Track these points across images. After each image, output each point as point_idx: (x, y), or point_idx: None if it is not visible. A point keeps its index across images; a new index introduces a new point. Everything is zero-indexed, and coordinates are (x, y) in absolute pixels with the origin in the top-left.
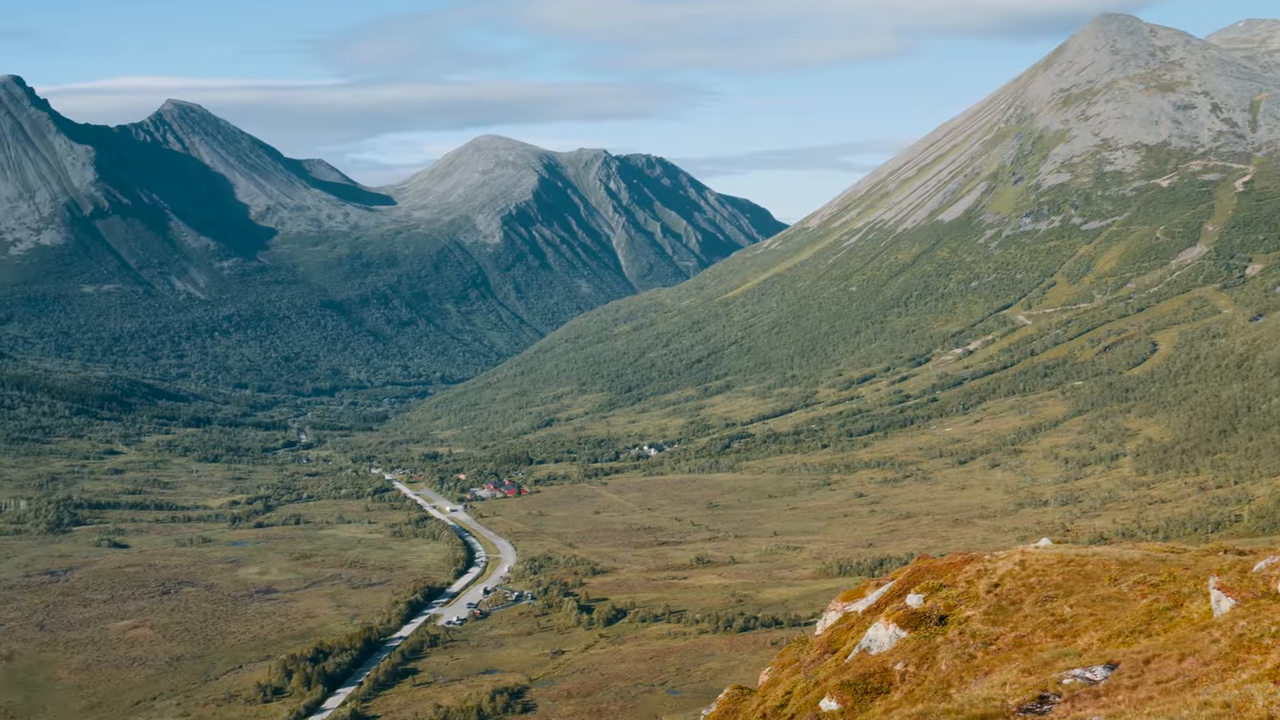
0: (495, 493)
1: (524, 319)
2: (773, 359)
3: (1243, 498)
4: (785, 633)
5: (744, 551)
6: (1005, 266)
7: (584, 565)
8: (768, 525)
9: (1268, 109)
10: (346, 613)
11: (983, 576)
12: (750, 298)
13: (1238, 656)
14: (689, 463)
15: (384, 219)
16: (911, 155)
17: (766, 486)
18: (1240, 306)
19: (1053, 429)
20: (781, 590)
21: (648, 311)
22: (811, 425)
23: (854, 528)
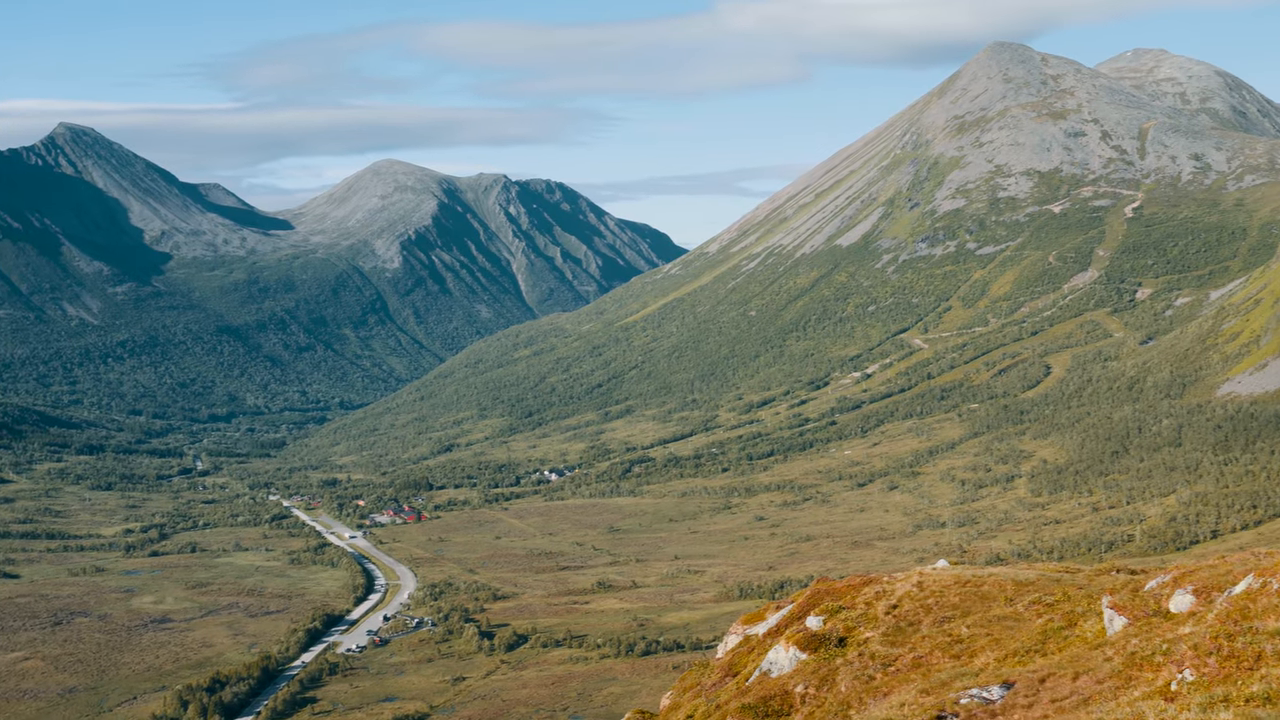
0: (395, 519)
1: (424, 344)
2: (673, 383)
3: (1135, 518)
4: (687, 656)
5: (645, 575)
6: (902, 291)
7: (485, 591)
8: (669, 549)
9: (1155, 136)
10: (244, 641)
11: (881, 598)
12: (650, 322)
13: (1130, 674)
14: (590, 487)
15: (282, 244)
16: (810, 181)
17: (667, 510)
18: (1131, 330)
19: (950, 451)
20: (683, 614)
21: (548, 336)
22: (712, 449)
23: (755, 551)
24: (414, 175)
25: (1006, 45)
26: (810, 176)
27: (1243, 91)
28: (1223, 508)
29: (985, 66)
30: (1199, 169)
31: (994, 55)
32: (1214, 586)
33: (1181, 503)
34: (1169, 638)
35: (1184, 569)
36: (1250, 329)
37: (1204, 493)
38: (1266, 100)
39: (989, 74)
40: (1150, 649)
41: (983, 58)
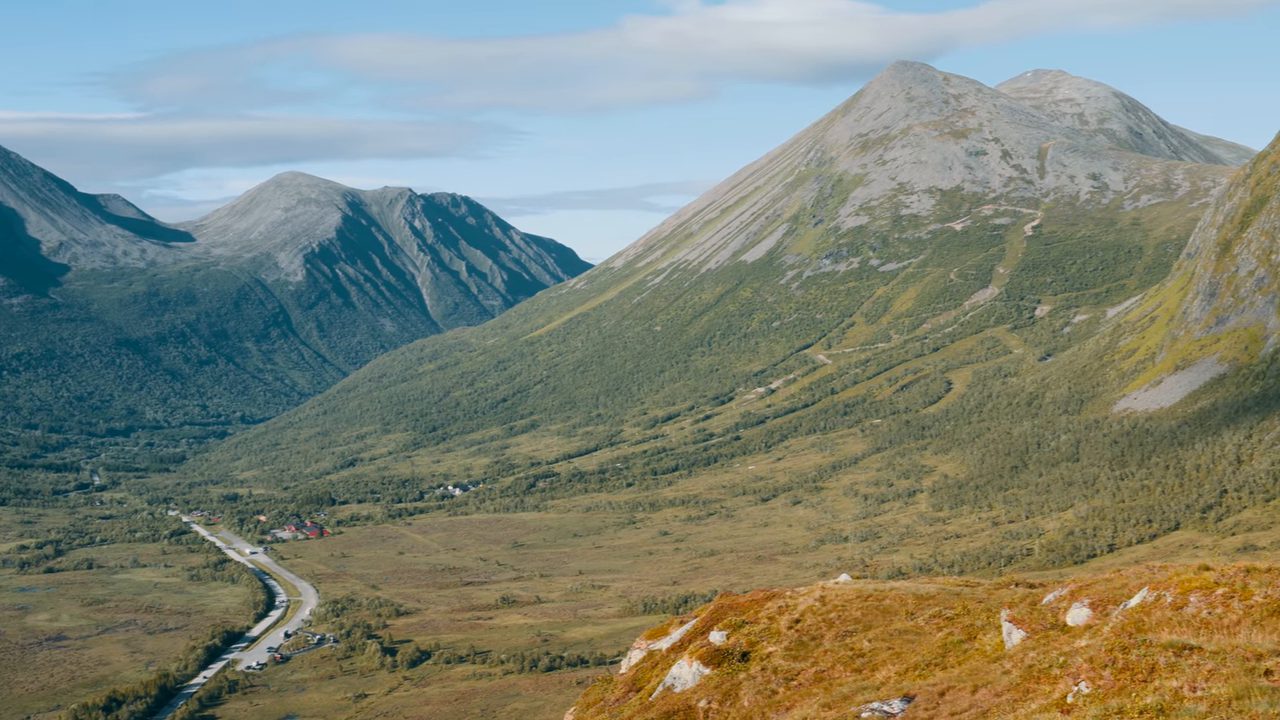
0: (297, 534)
1: (327, 358)
2: (578, 398)
3: (1034, 532)
4: (591, 672)
5: (549, 591)
6: (806, 307)
7: (388, 607)
8: (573, 564)
9: (1054, 156)
10: (142, 659)
11: (784, 613)
12: (555, 337)
13: (1028, 687)
14: (494, 502)
15: (183, 256)
16: (715, 197)
17: (572, 525)
18: (1030, 346)
19: (852, 466)
20: (587, 629)
21: (453, 350)
22: (617, 464)
23: (659, 566)
24: (318, 188)
25: (909, 64)
26: (716, 192)
27: (1139, 113)
28: (1119, 522)
29: (888, 85)
30: (1097, 188)
31: (897, 74)
32: (1110, 600)
33: (1079, 517)
34: (1066, 650)
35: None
36: (1146, 346)
37: (1101, 507)
38: (1162, 122)
39: (892, 93)
40: (1047, 662)
41: (886, 76)
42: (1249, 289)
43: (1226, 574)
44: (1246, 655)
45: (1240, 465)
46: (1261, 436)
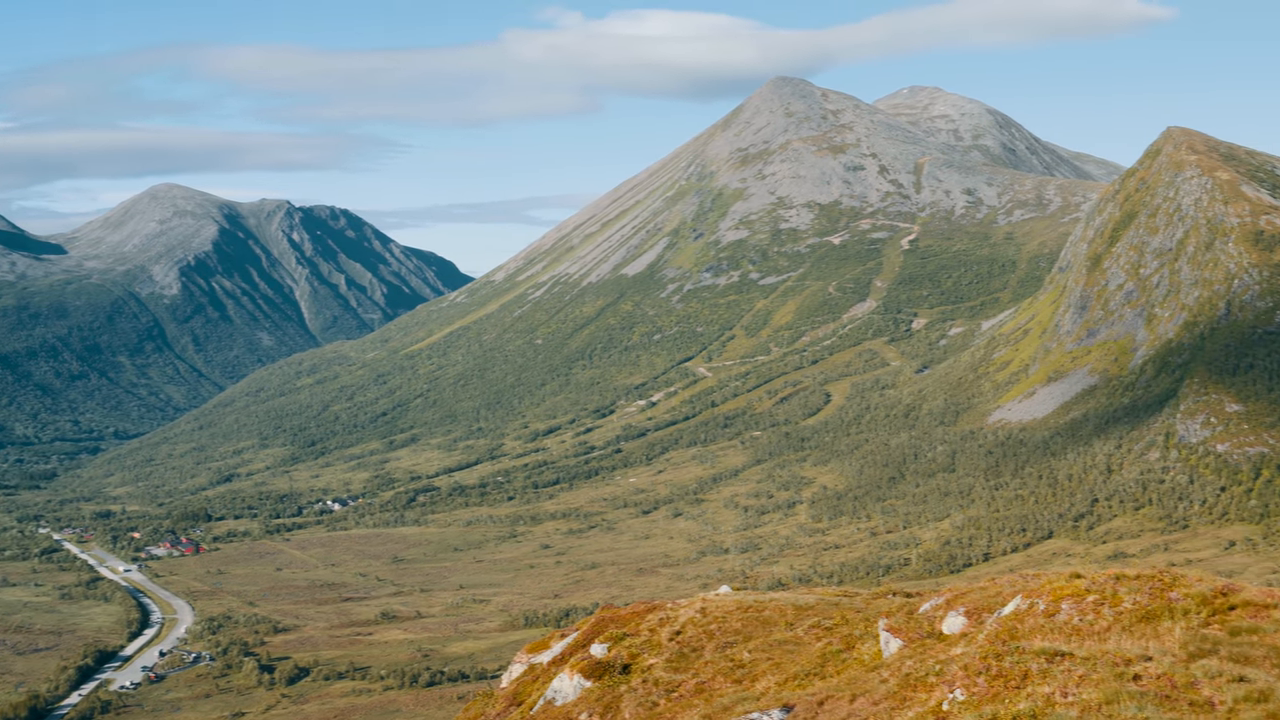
0: (172, 551)
1: (203, 372)
2: (459, 411)
3: (911, 542)
4: (472, 686)
5: (430, 606)
6: (687, 320)
7: (265, 624)
8: (454, 578)
9: (930, 171)
10: (10, 680)
11: (665, 624)
12: (436, 350)
13: (905, 695)
14: (374, 517)
15: (54, 268)
16: (596, 210)
17: (452, 540)
18: (907, 359)
19: (733, 478)
20: (468, 644)
21: (332, 364)
22: (498, 477)
23: (540, 579)
24: (194, 200)
25: (788, 80)
26: (597, 206)
27: (1012, 129)
28: (994, 531)
29: (768, 100)
30: (971, 203)
31: (776, 90)
32: (984, 608)
33: (955, 527)
34: (942, 659)
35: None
36: (1020, 358)
37: (976, 517)
38: (1034, 138)
39: (771, 108)
40: (924, 670)
41: (765, 92)
42: (1118, 302)
43: (1097, 581)
44: (1116, 661)
45: (1111, 474)
46: (1131, 446)
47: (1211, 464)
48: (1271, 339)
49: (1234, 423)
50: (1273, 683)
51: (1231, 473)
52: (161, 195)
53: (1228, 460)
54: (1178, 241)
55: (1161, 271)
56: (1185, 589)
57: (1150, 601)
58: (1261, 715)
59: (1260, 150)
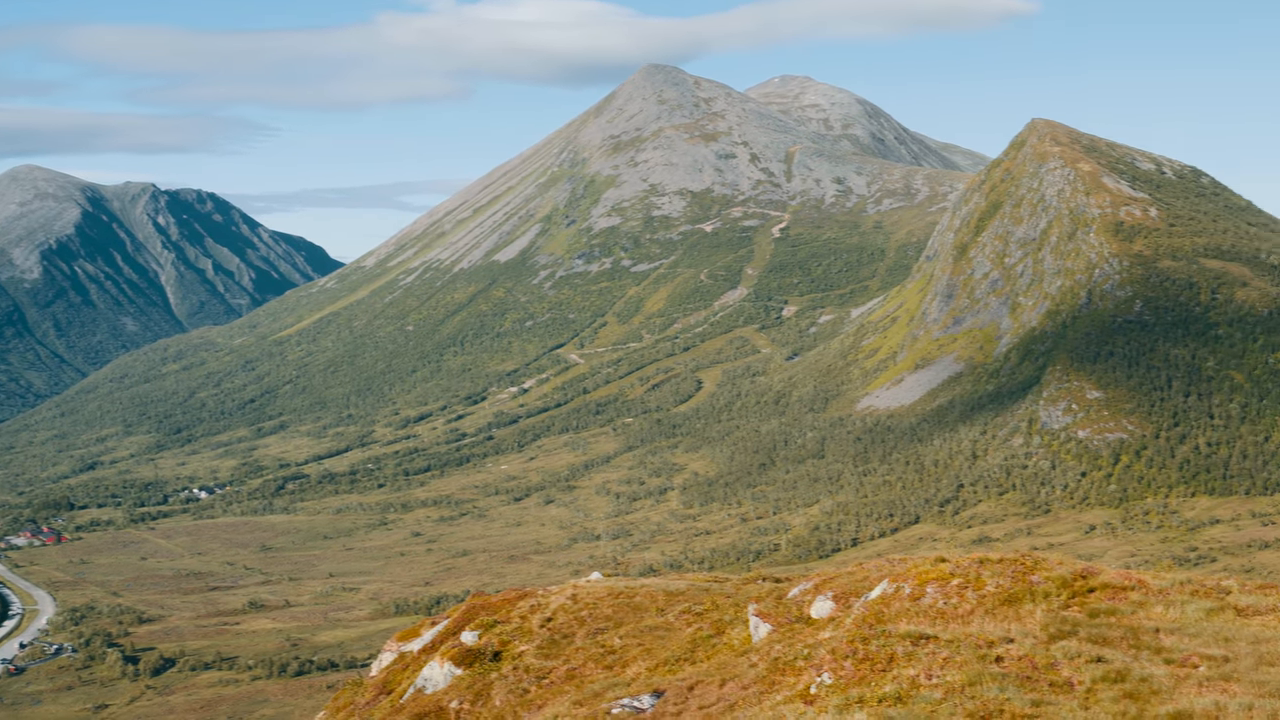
0: (33, 541)
1: (65, 358)
2: (329, 398)
3: (780, 527)
4: (341, 675)
5: (299, 594)
6: (559, 306)
7: (130, 614)
8: (323, 567)
9: (801, 160)
10: None
11: (536, 611)
12: (305, 336)
13: (774, 679)
14: (242, 505)
15: None
16: (468, 196)
17: (322, 527)
18: (778, 346)
19: (605, 465)
20: (338, 632)
21: (198, 350)
22: (368, 464)
23: (411, 567)
24: (56, 182)
25: (661, 68)
26: (469, 192)
27: (881, 119)
28: (862, 516)
29: (640, 88)
30: (841, 192)
31: (649, 77)
32: (852, 592)
33: (824, 512)
34: (810, 643)
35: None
36: (888, 346)
37: (845, 502)
38: (903, 128)
39: (644, 95)
40: (792, 654)
41: (638, 79)
42: (984, 290)
43: (961, 565)
44: (979, 643)
45: (976, 460)
46: (995, 432)
47: (1073, 450)
48: (1130, 328)
49: (1094, 409)
50: (1129, 663)
51: (1092, 458)
52: (22, 177)
53: (1088, 446)
54: (1041, 231)
55: (1025, 261)
56: (1046, 572)
57: (1013, 585)
58: (1118, 695)
59: (1120, 143)
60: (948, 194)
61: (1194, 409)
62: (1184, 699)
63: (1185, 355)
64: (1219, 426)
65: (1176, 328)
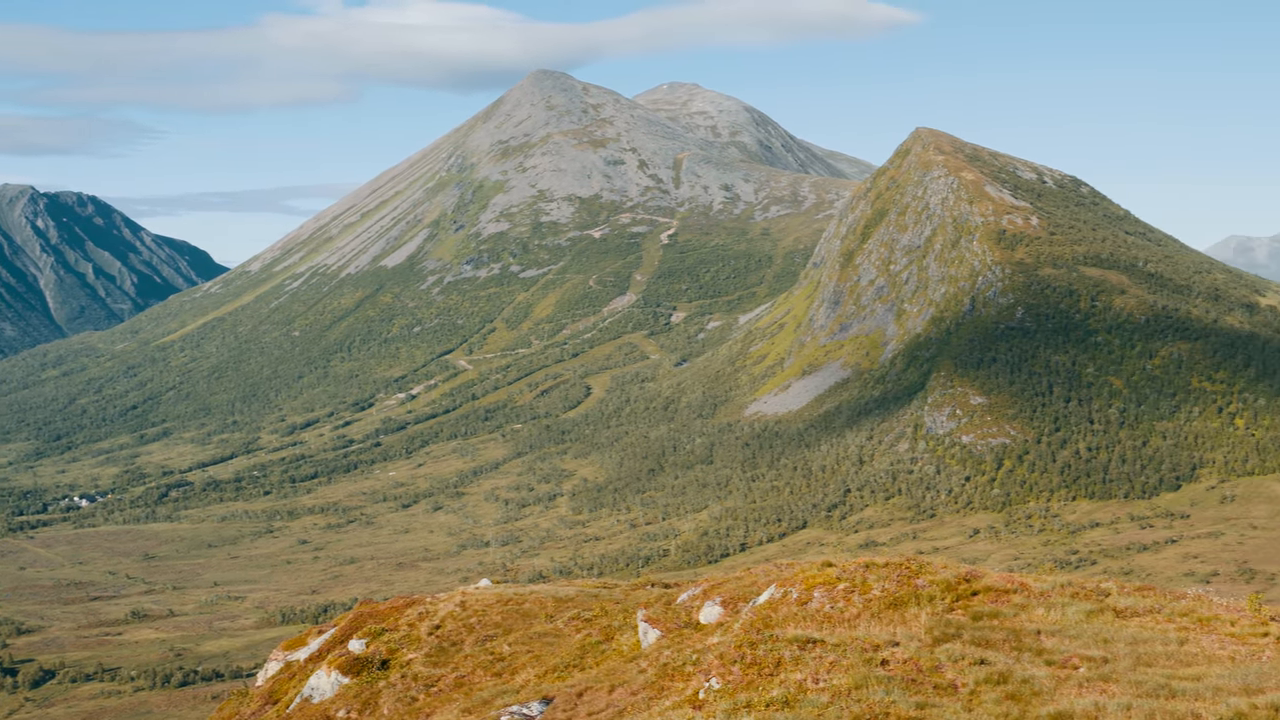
0: None
1: None
2: (213, 405)
3: (670, 533)
4: (227, 685)
5: (183, 603)
6: (447, 312)
7: (7, 625)
8: (208, 575)
9: (689, 167)
10: None
11: (425, 619)
12: (189, 342)
13: (663, 685)
14: (124, 513)
15: None
16: (355, 201)
17: (206, 536)
18: (666, 352)
19: (494, 471)
20: (223, 642)
21: (79, 356)
22: (254, 472)
23: (298, 575)
24: None
25: (549, 73)
26: (356, 196)
27: (768, 127)
28: (751, 522)
29: (529, 93)
30: (729, 199)
31: (537, 83)
32: (740, 597)
33: (713, 518)
34: (698, 648)
35: (713, 581)
36: (775, 352)
37: (734, 508)
38: (790, 136)
39: (533, 101)
40: (681, 659)
41: (526, 84)
42: (870, 297)
43: (848, 570)
44: (865, 647)
45: (862, 465)
46: (881, 438)
47: (957, 454)
48: (1012, 334)
49: (978, 415)
50: (1011, 665)
51: (976, 463)
52: None
53: (972, 451)
54: (926, 239)
55: (910, 268)
56: (931, 576)
57: (898, 589)
58: (1000, 696)
59: (1002, 152)
60: (834, 201)
61: (1074, 414)
62: (1064, 700)
63: (1066, 361)
64: (1098, 431)
65: (1057, 334)
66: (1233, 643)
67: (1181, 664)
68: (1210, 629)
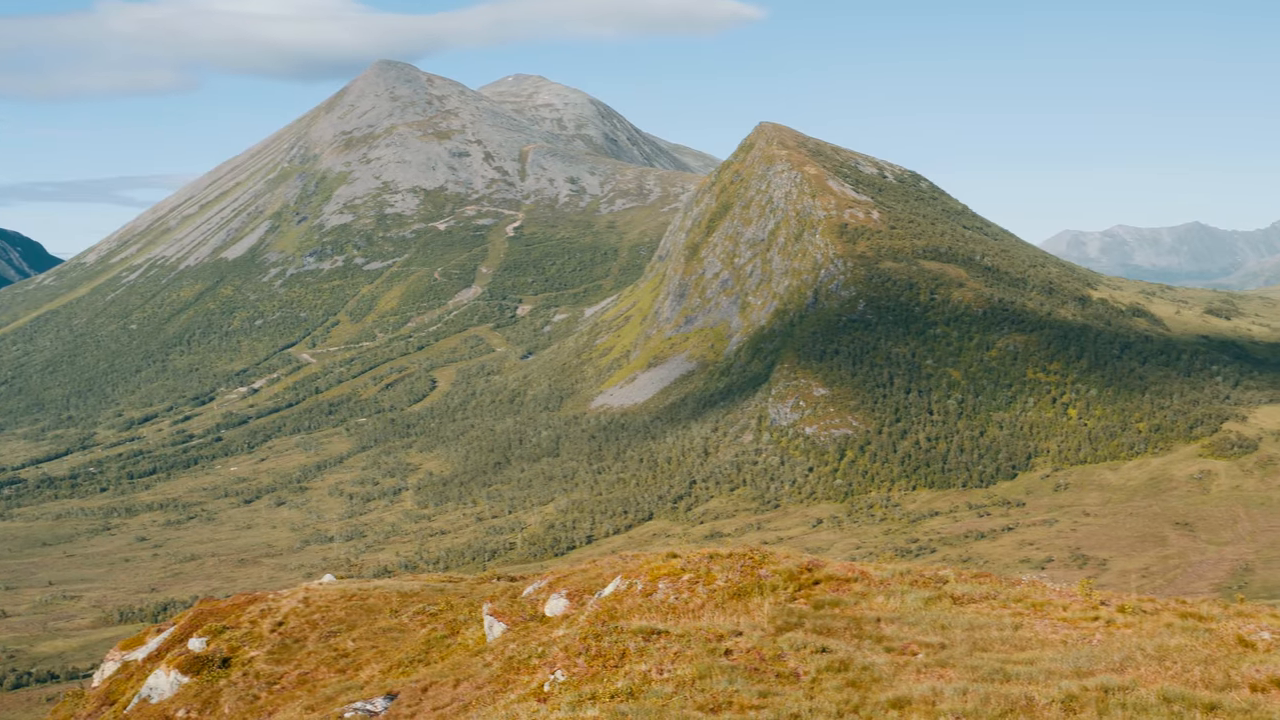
0: None
1: None
2: (47, 399)
3: (516, 526)
4: (62, 687)
5: (16, 604)
6: (290, 305)
7: None
8: (43, 575)
9: (535, 159)
10: None
11: (267, 616)
12: (21, 335)
13: (508, 678)
14: None
15: None
16: (195, 192)
17: (40, 534)
18: (512, 345)
19: (338, 465)
20: (58, 642)
21: None
22: (90, 468)
23: (136, 573)
24: None
25: (393, 64)
26: (196, 187)
27: (614, 120)
28: (597, 514)
29: (373, 84)
30: (575, 192)
31: (381, 73)
32: (586, 590)
33: (560, 510)
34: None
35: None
36: (621, 344)
37: (580, 500)
38: (635, 130)
39: (376, 91)
40: (527, 653)
41: (370, 75)
42: (715, 290)
43: (692, 561)
44: (709, 637)
45: (707, 457)
46: (726, 430)
47: (801, 445)
48: (854, 326)
49: (821, 406)
50: (852, 652)
51: (819, 454)
52: None
53: (815, 442)
54: (770, 232)
55: (755, 261)
56: (774, 566)
57: (742, 579)
58: (841, 683)
59: (844, 147)
60: (679, 195)
61: (914, 405)
62: (903, 686)
63: (906, 353)
64: (938, 422)
65: (898, 326)
66: (1065, 627)
67: (1016, 648)
68: (1044, 614)
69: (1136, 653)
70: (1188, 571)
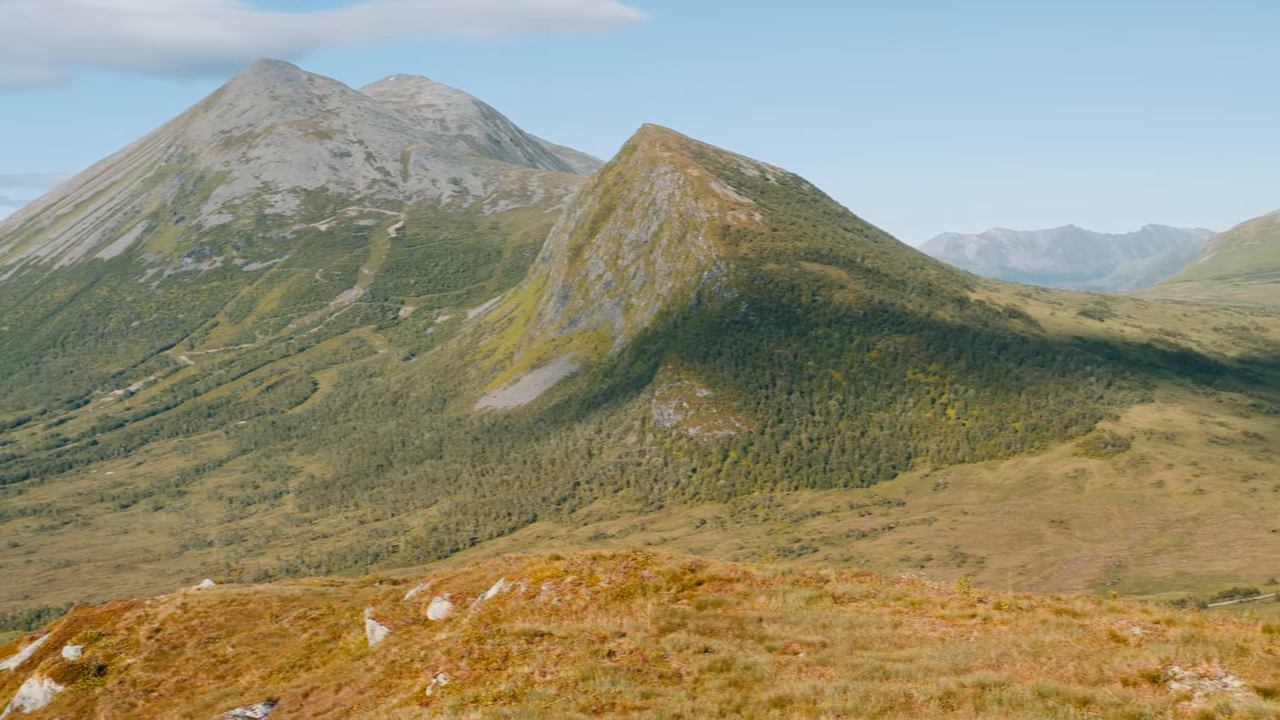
0: None
1: None
2: None
3: (399, 529)
4: None
5: None
6: (167, 306)
7: None
8: None
9: (417, 160)
10: None
11: (144, 622)
12: None
13: (390, 682)
14: None
15: None
16: (69, 191)
17: None
18: (395, 346)
19: (217, 469)
20: None
21: None
22: None
23: (9, 580)
24: None
25: (274, 63)
26: (70, 186)
27: (497, 121)
28: (481, 516)
29: (252, 83)
30: (458, 193)
31: (261, 72)
32: (469, 592)
33: (443, 513)
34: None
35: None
36: (505, 346)
37: (464, 502)
38: (518, 131)
39: (256, 90)
40: (409, 656)
41: (250, 74)
42: (598, 292)
43: (576, 562)
44: (592, 639)
45: (591, 458)
46: (610, 431)
47: (684, 446)
48: (737, 328)
49: (704, 407)
50: (734, 652)
51: (702, 455)
52: None
53: (699, 443)
54: (653, 234)
55: (638, 263)
56: (657, 567)
57: (625, 580)
58: (724, 683)
59: (726, 149)
60: (563, 196)
61: (797, 406)
62: (785, 685)
63: (788, 354)
64: (820, 423)
65: (780, 328)
66: (943, 624)
67: (896, 646)
68: (923, 612)
69: (1012, 649)
70: (1063, 569)
